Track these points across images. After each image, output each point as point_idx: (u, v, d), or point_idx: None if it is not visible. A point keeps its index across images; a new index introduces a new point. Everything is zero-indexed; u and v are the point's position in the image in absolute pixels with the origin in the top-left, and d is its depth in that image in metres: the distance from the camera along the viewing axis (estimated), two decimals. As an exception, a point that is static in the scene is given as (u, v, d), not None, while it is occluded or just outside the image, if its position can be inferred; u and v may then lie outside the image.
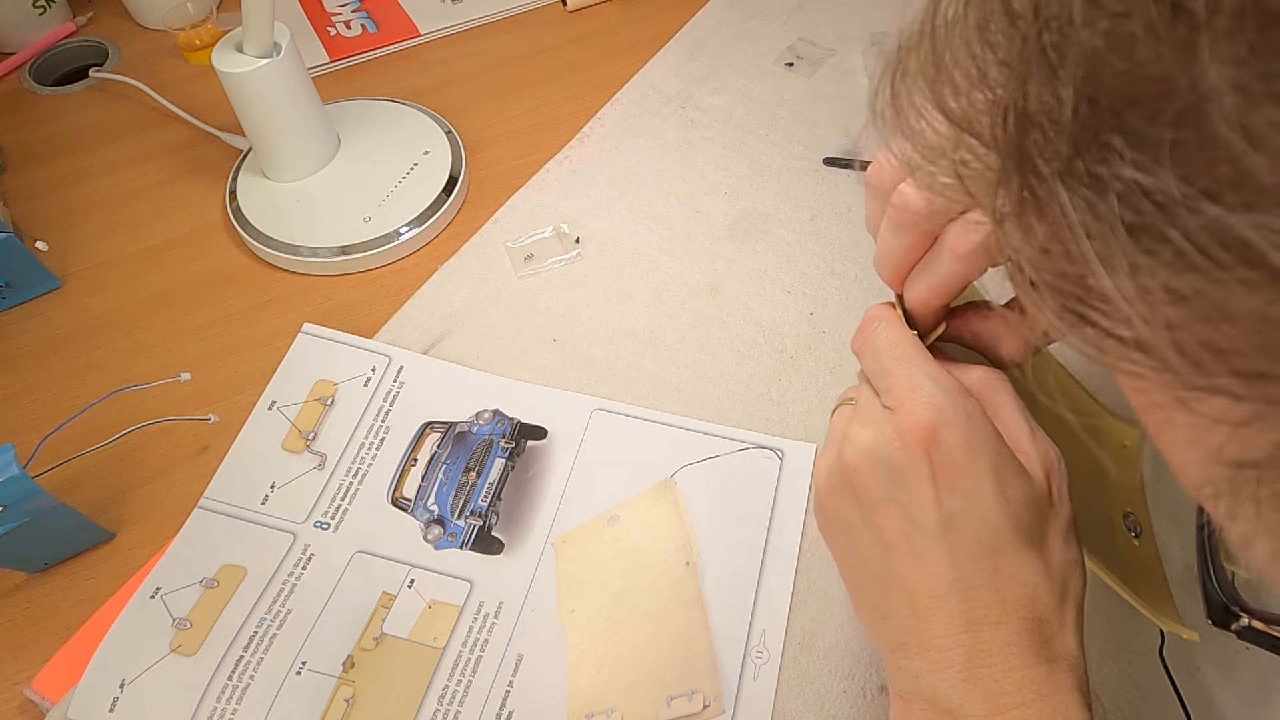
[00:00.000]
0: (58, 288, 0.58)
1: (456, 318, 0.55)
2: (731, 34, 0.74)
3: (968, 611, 0.29)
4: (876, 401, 0.32)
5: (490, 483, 0.48)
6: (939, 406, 0.29)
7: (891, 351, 0.32)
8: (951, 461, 0.29)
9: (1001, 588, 0.29)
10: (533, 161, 0.64)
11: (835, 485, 0.33)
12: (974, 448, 0.29)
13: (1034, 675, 0.28)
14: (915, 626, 0.30)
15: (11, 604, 0.45)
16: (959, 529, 0.29)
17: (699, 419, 0.50)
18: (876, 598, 0.31)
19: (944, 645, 0.29)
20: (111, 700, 0.41)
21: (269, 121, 0.58)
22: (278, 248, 0.58)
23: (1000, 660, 0.28)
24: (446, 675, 0.42)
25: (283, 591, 0.44)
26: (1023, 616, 0.29)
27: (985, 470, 0.29)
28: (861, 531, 0.32)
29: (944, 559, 0.29)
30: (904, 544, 0.30)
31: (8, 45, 0.75)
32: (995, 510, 0.29)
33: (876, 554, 0.31)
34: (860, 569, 0.32)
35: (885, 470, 0.30)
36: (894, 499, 0.30)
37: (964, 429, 0.29)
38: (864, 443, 0.31)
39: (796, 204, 0.61)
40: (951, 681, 0.29)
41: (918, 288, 0.32)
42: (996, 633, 0.28)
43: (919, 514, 0.30)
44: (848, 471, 0.32)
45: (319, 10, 0.78)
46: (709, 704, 0.41)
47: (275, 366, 0.52)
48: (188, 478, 0.49)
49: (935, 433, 0.29)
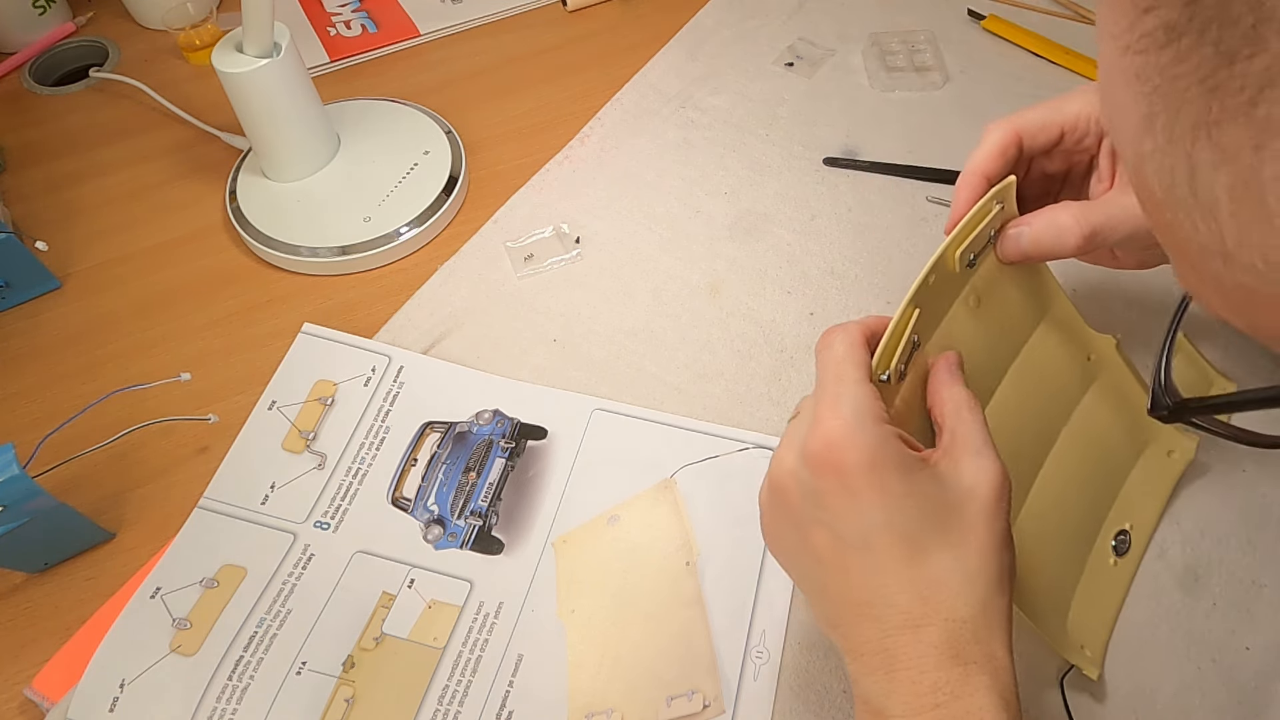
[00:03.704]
0: (58, 288, 0.58)
1: (456, 318, 0.55)
2: (731, 34, 0.74)
3: (888, 618, 0.30)
4: (803, 422, 0.33)
5: (490, 483, 0.48)
6: (844, 428, 0.31)
7: (833, 367, 0.33)
8: (858, 480, 0.30)
9: (922, 592, 0.30)
10: (533, 161, 0.64)
11: (771, 504, 0.34)
12: (878, 466, 0.30)
13: (949, 677, 0.29)
14: (849, 633, 0.32)
15: (11, 604, 0.45)
16: (877, 541, 0.30)
17: (699, 419, 0.50)
18: (821, 606, 0.33)
19: (869, 650, 0.31)
20: (111, 700, 0.41)
21: (269, 121, 0.58)
22: (278, 248, 0.58)
23: (916, 663, 0.30)
24: (446, 675, 0.42)
25: (283, 591, 0.44)
26: (943, 619, 0.30)
27: (895, 485, 0.30)
28: (799, 548, 0.33)
29: (866, 570, 0.31)
30: (831, 558, 0.32)
31: (8, 45, 0.75)
32: (910, 520, 0.31)
33: (812, 567, 0.33)
34: (803, 580, 0.34)
35: (805, 492, 0.32)
36: (817, 518, 0.32)
37: (868, 449, 0.31)
38: (788, 465, 0.33)
39: (796, 204, 0.61)
40: (879, 684, 0.30)
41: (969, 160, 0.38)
42: (915, 636, 0.30)
43: (840, 529, 0.31)
44: (776, 492, 0.34)
45: (319, 10, 0.78)
46: (709, 704, 0.41)
47: (275, 366, 0.52)
48: (188, 478, 0.49)
49: (837, 454, 0.31)
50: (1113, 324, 0.45)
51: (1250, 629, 0.42)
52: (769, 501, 0.35)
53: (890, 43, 0.71)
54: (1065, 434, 0.42)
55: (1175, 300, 0.53)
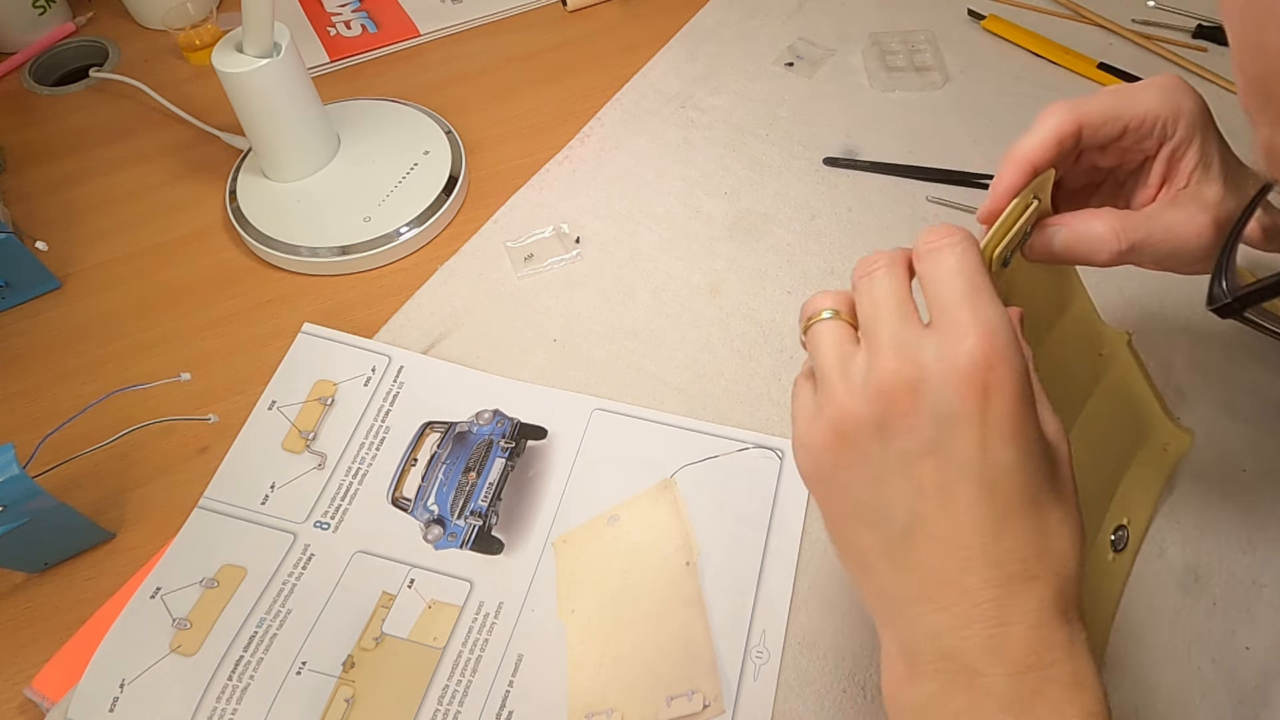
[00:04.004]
0: (58, 288, 0.58)
1: (456, 318, 0.55)
2: (731, 34, 0.74)
3: (1005, 564, 0.28)
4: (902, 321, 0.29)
5: (490, 483, 0.48)
6: (1003, 348, 0.27)
7: (962, 273, 0.29)
8: (1007, 410, 0.27)
9: (1041, 542, 0.28)
10: (533, 161, 0.64)
11: (864, 425, 0.29)
12: (1025, 398, 0.28)
13: (1061, 636, 0.27)
14: (944, 578, 0.28)
15: (11, 604, 0.45)
16: (1006, 481, 0.28)
17: (699, 419, 0.50)
18: (896, 549, 0.29)
19: (976, 598, 0.27)
20: (111, 700, 0.41)
21: (269, 121, 0.58)
22: (278, 248, 0.58)
23: (1033, 617, 0.27)
24: (446, 675, 0.42)
25: (283, 591, 0.44)
26: (1056, 574, 0.28)
27: (1032, 422, 0.28)
28: (894, 478, 0.29)
29: (987, 510, 0.28)
30: (945, 493, 0.28)
31: (8, 45, 0.75)
32: (1038, 464, 0.28)
33: (907, 502, 0.29)
34: (880, 518, 0.29)
35: (934, 414, 0.28)
36: (940, 444, 0.28)
37: (1020, 375, 0.28)
38: (908, 378, 0.28)
39: (796, 204, 0.61)
40: (977, 639, 0.27)
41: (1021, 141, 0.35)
42: (1031, 588, 0.27)
43: (967, 463, 0.28)
44: (886, 407, 0.28)
45: (319, 10, 0.78)
46: (709, 704, 0.41)
47: (275, 366, 0.52)
48: (188, 478, 0.49)
49: (991, 377, 0.27)
50: (1112, 322, 0.45)
51: (1250, 629, 0.42)
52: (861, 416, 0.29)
53: (890, 43, 0.71)
54: (1075, 430, 0.42)
55: (1182, 298, 0.53)
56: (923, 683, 0.28)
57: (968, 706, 0.27)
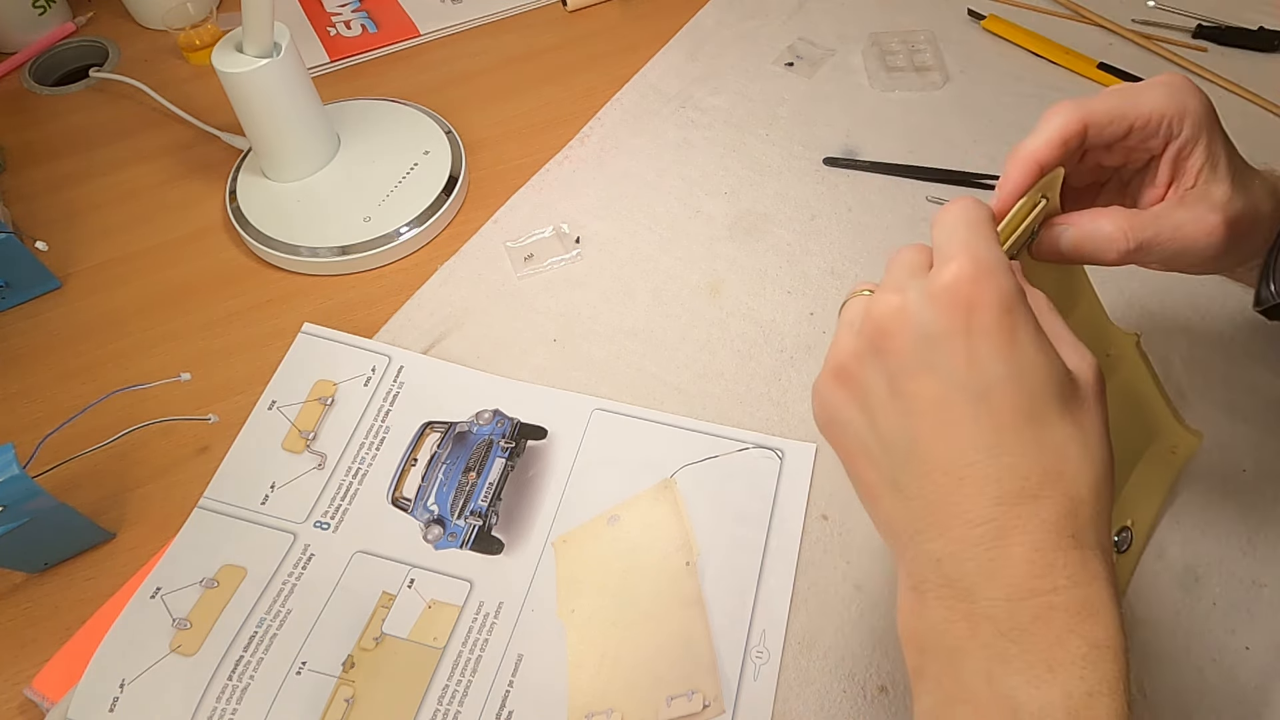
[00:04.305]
0: (58, 288, 0.58)
1: (456, 318, 0.55)
2: (731, 34, 0.74)
3: (1003, 481, 0.27)
4: (909, 271, 0.30)
5: (490, 483, 0.48)
6: (982, 266, 0.28)
7: (958, 218, 0.30)
8: (990, 322, 0.27)
9: (1041, 458, 0.27)
10: (533, 161, 0.64)
11: (858, 356, 0.30)
12: (1013, 312, 0.28)
13: (1068, 560, 0.26)
14: (942, 501, 0.28)
15: (11, 604, 0.45)
16: (998, 393, 0.27)
17: (699, 419, 0.50)
18: (899, 476, 0.29)
19: (974, 519, 0.27)
20: (111, 700, 0.41)
21: (269, 121, 0.58)
22: (278, 248, 0.58)
23: (1033, 538, 0.26)
24: (446, 675, 0.42)
25: (283, 591, 0.44)
26: (1060, 493, 0.27)
27: (1026, 336, 0.28)
28: (887, 404, 0.29)
29: (981, 425, 0.27)
30: (937, 411, 0.28)
31: (8, 45, 0.75)
32: (1036, 376, 0.28)
33: (903, 426, 0.29)
34: (882, 448, 0.30)
35: (919, 334, 0.28)
36: (928, 363, 0.28)
37: (1004, 292, 0.28)
38: (894, 305, 0.29)
39: (796, 204, 0.61)
40: (976, 561, 0.27)
41: (1027, 140, 0.34)
42: (1032, 507, 0.26)
43: (956, 376, 0.28)
44: (876, 338, 0.29)
45: (319, 10, 0.78)
46: (709, 704, 0.41)
47: (275, 366, 0.52)
48: (188, 478, 0.49)
49: (974, 291, 0.28)
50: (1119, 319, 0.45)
51: (1250, 629, 0.42)
52: (854, 358, 0.30)
53: (890, 43, 0.71)
54: None
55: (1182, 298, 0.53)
56: (928, 611, 0.28)
57: (967, 632, 0.27)
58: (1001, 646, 0.26)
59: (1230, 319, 0.53)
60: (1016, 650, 0.26)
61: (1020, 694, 0.25)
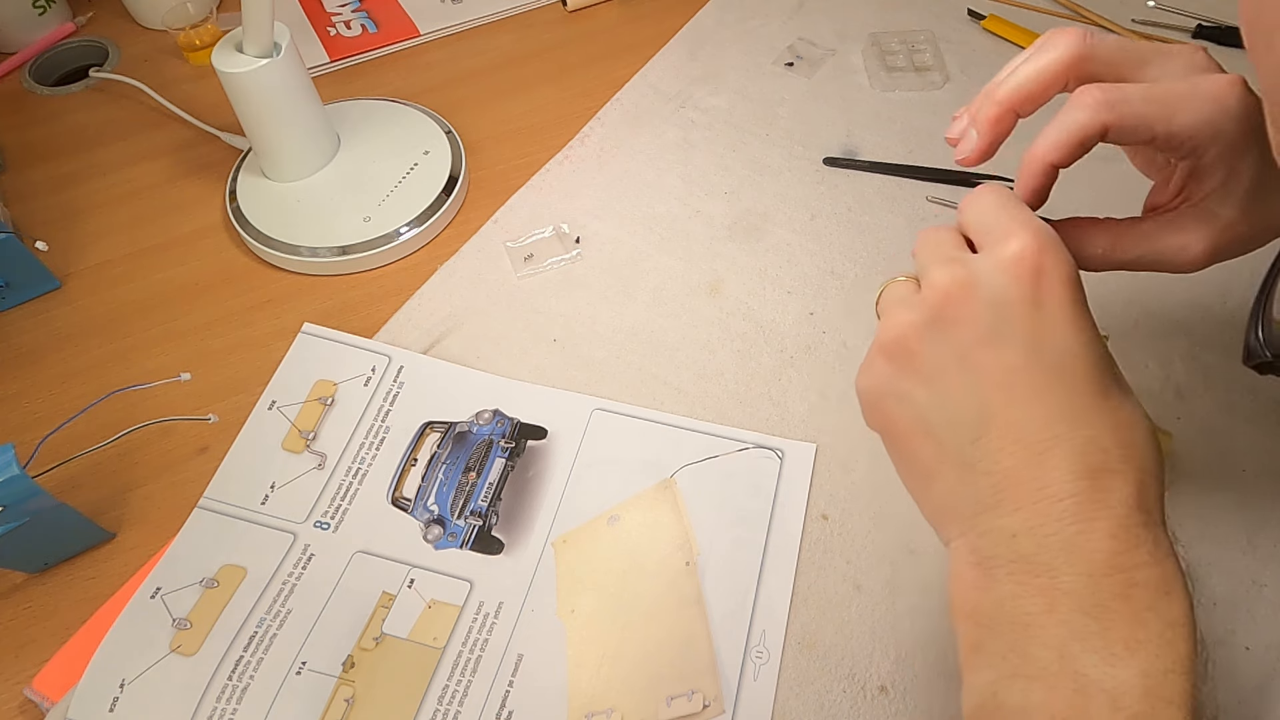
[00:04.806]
0: (58, 288, 0.58)
1: (456, 318, 0.55)
2: (731, 34, 0.74)
3: (1087, 455, 0.26)
4: (955, 245, 0.30)
5: (490, 483, 0.48)
6: (1049, 238, 0.28)
7: (999, 199, 0.30)
8: (1061, 293, 0.27)
9: (1118, 432, 0.26)
10: (533, 161, 0.64)
11: (918, 329, 0.29)
12: (1077, 285, 0.28)
13: (1147, 537, 0.25)
14: (1021, 474, 0.27)
15: (11, 604, 0.45)
16: (1073, 365, 0.27)
17: (699, 419, 0.50)
18: (968, 453, 0.28)
19: (1056, 493, 0.26)
20: (111, 700, 0.41)
21: (269, 121, 0.58)
22: (278, 248, 0.58)
23: (1118, 514, 0.25)
24: (446, 675, 0.42)
25: (283, 591, 0.44)
26: (1138, 470, 0.26)
27: (1088, 311, 0.28)
28: (955, 375, 0.28)
29: (1059, 396, 0.27)
30: (1012, 381, 0.27)
31: (8, 45, 0.75)
32: (1100, 350, 0.27)
33: (974, 397, 0.28)
34: (946, 421, 0.29)
35: (990, 302, 0.28)
36: (1000, 333, 0.27)
37: (1069, 265, 0.28)
38: (959, 275, 0.28)
39: (796, 204, 0.61)
40: (1057, 538, 0.26)
41: (1040, 142, 0.31)
42: (1115, 483, 0.26)
43: (1034, 344, 0.27)
44: (942, 307, 0.28)
45: (319, 10, 0.78)
46: (709, 704, 0.41)
47: (275, 366, 0.52)
48: (188, 478, 0.49)
49: (1043, 260, 0.27)
50: (1111, 321, 0.45)
51: (1250, 629, 0.42)
52: (914, 319, 0.29)
53: (890, 43, 0.71)
54: None
55: (1182, 298, 0.53)
56: (996, 586, 0.27)
57: (1044, 607, 0.26)
58: (1081, 623, 0.25)
59: (1230, 319, 0.53)
60: (1097, 628, 0.25)
61: (1094, 671, 0.25)
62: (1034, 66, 0.32)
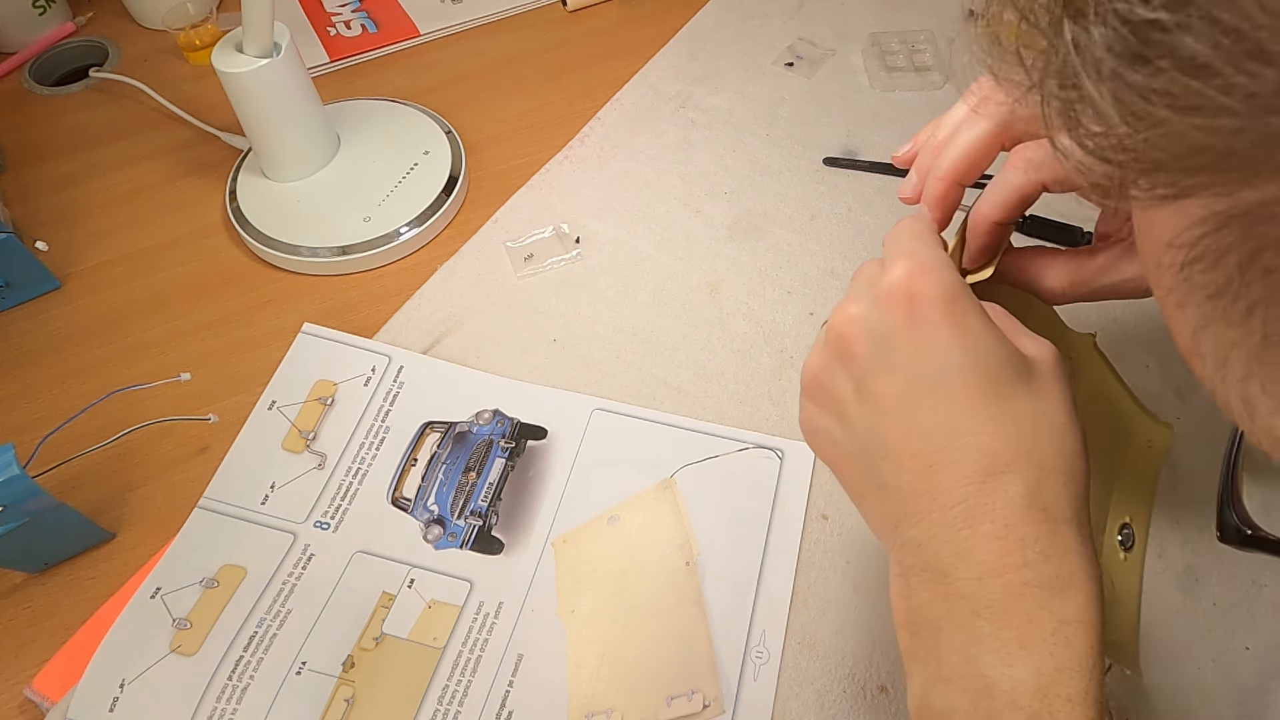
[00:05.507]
0: (58, 288, 0.58)
1: (456, 318, 0.55)
2: (731, 34, 0.74)
3: (970, 461, 0.27)
4: (864, 283, 0.31)
5: (490, 483, 0.48)
6: (923, 265, 0.29)
7: (907, 231, 0.32)
8: (934, 312, 0.28)
9: (1005, 433, 0.27)
10: (533, 161, 0.64)
11: (824, 365, 0.32)
12: (956, 301, 0.29)
13: (1037, 533, 0.26)
14: (917, 488, 0.28)
15: (11, 604, 0.45)
16: (954, 378, 0.28)
17: (699, 419, 0.50)
18: (878, 472, 0.30)
19: (946, 502, 0.27)
20: (111, 700, 0.41)
21: (269, 121, 0.58)
22: (278, 248, 0.58)
23: (1002, 514, 0.26)
24: (446, 675, 0.42)
25: (283, 591, 0.44)
26: (1028, 466, 0.27)
27: (974, 322, 0.28)
28: (854, 406, 0.31)
29: (942, 410, 0.28)
30: (901, 405, 0.29)
31: (8, 45, 0.75)
32: (990, 358, 0.28)
33: (875, 425, 0.30)
34: (859, 449, 0.31)
35: (872, 336, 0.30)
36: (885, 362, 0.29)
37: (944, 284, 0.29)
38: (852, 312, 0.31)
39: (796, 204, 0.61)
40: (951, 543, 0.27)
41: (983, 202, 0.33)
42: (1001, 484, 0.27)
43: (912, 369, 0.29)
44: (836, 345, 0.31)
45: (319, 10, 0.78)
46: (709, 704, 0.41)
47: (275, 366, 0.52)
48: (188, 478, 0.49)
49: (912, 285, 0.29)
50: (1111, 321, 0.45)
51: (1250, 629, 0.42)
52: (822, 367, 0.32)
53: (890, 43, 0.71)
54: None
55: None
56: (914, 594, 0.29)
57: (946, 612, 0.27)
58: (976, 625, 0.26)
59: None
60: (990, 629, 0.26)
61: (994, 672, 0.26)
62: (967, 140, 0.34)
